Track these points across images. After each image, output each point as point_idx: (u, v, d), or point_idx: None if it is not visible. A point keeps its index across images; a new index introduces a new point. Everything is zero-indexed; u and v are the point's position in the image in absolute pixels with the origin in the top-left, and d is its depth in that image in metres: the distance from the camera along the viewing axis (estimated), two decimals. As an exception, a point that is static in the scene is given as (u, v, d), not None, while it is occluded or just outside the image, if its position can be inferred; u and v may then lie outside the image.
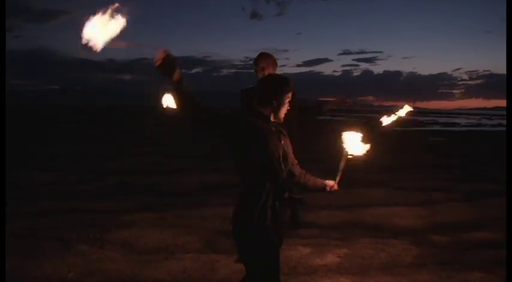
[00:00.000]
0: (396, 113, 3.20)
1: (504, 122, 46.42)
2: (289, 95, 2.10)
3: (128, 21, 1.65)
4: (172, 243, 3.96)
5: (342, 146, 2.34)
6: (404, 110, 3.31)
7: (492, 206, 5.51)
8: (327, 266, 3.49)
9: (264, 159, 1.96)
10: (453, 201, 5.83)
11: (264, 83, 2.14)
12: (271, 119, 2.07)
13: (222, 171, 7.28)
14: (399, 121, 3.18)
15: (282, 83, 2.10)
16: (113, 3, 1.64)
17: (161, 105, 2.46)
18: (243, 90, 3.58)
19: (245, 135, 1.93)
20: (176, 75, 1.73)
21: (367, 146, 2.33)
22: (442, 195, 6.21)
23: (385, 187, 6.71)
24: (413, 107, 3.51)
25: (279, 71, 3.75)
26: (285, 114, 2.12)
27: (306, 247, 3.81)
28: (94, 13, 1.63)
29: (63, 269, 3.28)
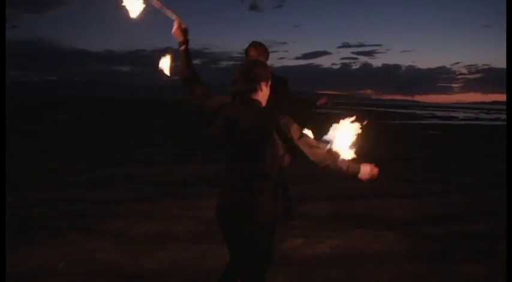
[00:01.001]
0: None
1: (501, 116, 46.54)
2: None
3: None
4: (164, 233, 3.95)
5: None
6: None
7: (486, 199, 5.53)
8: (318, 257, 3.49)
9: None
10: (447, 194, 5.84)
11: (252, 69, 2.10)
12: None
13: (219, 162, 7.26)
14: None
15: (267, 68, 2.11)
16: None
17: (158, 68, 2.49)
18: (234, 81, 3.53)
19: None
20: (184, 40, 2.26)
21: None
22: (436, 187, 6.22)
23: (379, 179, 6.71)
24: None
25: (278, 63, 3.71)
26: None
27: (298, 238, 3.81)
28: None
29: (54, 259, 3.27)
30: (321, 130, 2.08)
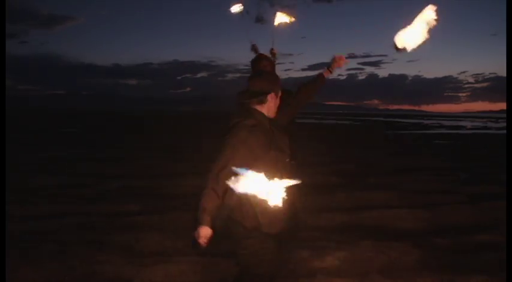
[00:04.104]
0: None
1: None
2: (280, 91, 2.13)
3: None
4: (171, 246, 3.94)
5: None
6: None
7: (495, 209, 5.44)
8: (326, 269, 3.46)
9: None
10: (456, 204, 5.76)
11: (258, 81, 2.13)
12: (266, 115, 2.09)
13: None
14: None
15: (276, 79, 2.13)
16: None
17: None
18: (240, 93, 3.55)
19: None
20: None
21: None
22: (445, 198, 6.15)
23: (387, 189, 6.65)
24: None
25: (284, 75, 3.69)
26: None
27: (305, 250, 3.78)
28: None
29: (60, 272, 3.27)
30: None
